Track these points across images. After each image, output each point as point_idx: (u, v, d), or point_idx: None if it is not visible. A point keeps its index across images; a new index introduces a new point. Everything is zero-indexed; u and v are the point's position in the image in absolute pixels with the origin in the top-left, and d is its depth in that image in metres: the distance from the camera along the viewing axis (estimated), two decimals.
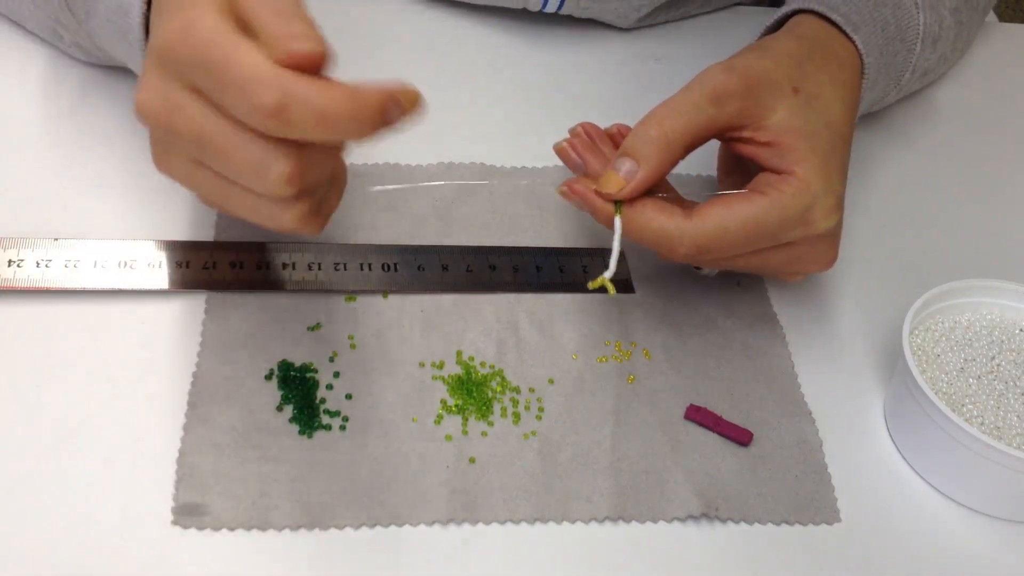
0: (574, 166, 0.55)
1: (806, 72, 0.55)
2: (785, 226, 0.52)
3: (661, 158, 0.51)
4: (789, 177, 0.52)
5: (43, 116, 0.62)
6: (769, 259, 0.54)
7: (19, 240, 0.55)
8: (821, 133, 0.53)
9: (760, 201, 0.52)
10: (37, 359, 0.51)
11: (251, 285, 0.56)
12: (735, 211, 0.51)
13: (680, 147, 0.52)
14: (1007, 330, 0.58)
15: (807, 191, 0.52)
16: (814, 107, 0.54)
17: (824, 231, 0.53)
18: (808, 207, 0.52)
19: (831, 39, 0.59)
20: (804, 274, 0.58)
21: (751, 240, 0.52)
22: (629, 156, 0.52)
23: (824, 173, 0.52)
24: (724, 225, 0.51)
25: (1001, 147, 0.77)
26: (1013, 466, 0.51)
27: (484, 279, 0.59)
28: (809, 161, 0.52)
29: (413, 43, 0.74)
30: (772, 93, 0.53)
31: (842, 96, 0.56)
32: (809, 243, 0.54)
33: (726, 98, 0.52)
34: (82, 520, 0.46)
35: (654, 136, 0.51)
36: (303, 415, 0.51)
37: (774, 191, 0.52)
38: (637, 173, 0.51)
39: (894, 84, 0.66)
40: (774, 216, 0.51)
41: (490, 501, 0.50)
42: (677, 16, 0.79)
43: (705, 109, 0.52)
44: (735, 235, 0.51)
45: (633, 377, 0.56)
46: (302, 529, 0.48)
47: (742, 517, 0.52)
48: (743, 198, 0.52)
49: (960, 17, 0.70)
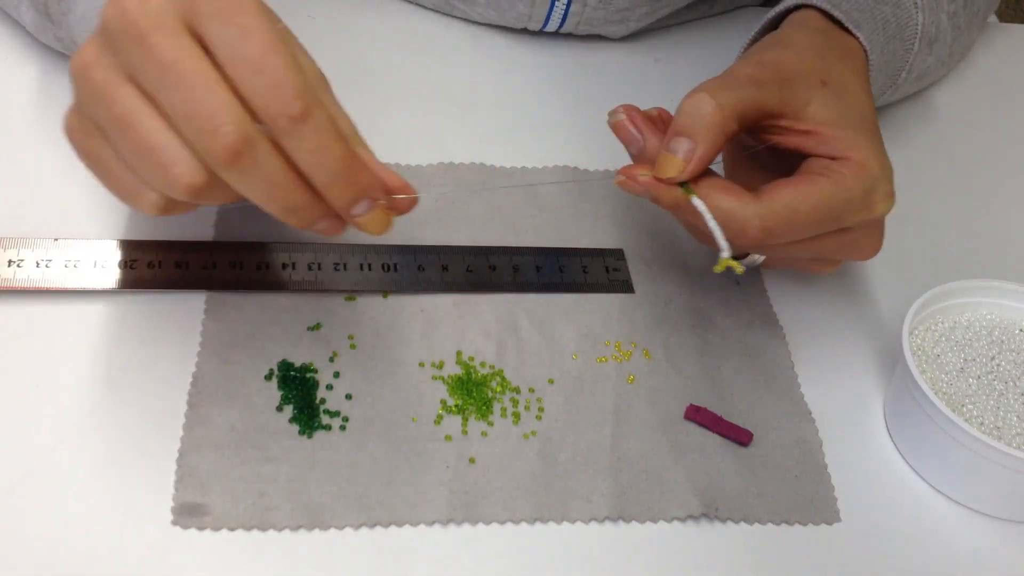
0: (631, 141, 0.52)
1: (829, 64, 0.54)
2: (850, 208, 0.51)
3: (716, 132, 0.49)
4: (846, 161, 0.51)
5: (43, 116, 0.62)
6: (825, 244, 0.53)
7: (19, 240, 0.55)
8: (860, 122, 0.53)
9: (825, 184, 0.50)
10: (37, 359, 0.51)
11: (251, 285, 0.56)
12: (802, 193, 0.50)
13: (733, 120, 0.49)
14: (1007, 330, 0.58)
15: (867, 174, 0.51)
16: (844, 98, 0.53)
17: (884, 213, 0.52)
18: (870, 190, 0.51)
19: (836, 33, 0.59)
20: (840, 264, 0.57)
21: (819, 222, 0.51)
22: (683, 135, 0.49)
23: (879, 157, 0.52)
24: (794, 207, 0.50)
25: (1001, 147, 0.77)
26: (1013, 466, 0.51)
27: (484, 279, 0.59)
28: (862, 146, 0.51)
29: (414, 43, 0.74)
30: (804, 85, 0.52)
31: (864, 86, 0.56)
32: (864, 229, 0.53)
33: (765, 83, 0.51)
34: (82, 520, 0.46)
35: (707, 111, 0.49)
36: (303, 415, 0.51)
37: (834, 174, 0.50)
38: (695, 151, 0.49)
39: (890, 83, 0.66)
40: (839, 198, 0.50)
41: (490, 501, 0.50)
42: (679, 22, 0.79)
43: (749, 88, 0.51)
44: (805, 217, 0.50)
45: (633, 377, 0.56)
46: (302, 529, 0.48)
47: (742, 517, 0.52)
48: (808, 181, 0.50)
49: (958, 21, 0.70)
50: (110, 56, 0.42)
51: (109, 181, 0.45)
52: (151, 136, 0.41)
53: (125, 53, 0.41)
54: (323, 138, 0.42)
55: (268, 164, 0.42)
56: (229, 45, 0.41)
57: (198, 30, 0.41)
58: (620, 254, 0.62)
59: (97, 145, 0.44)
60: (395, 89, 0.70)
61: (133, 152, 0.42)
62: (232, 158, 0.41)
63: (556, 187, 0.65)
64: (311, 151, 0.42)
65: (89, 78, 0.42)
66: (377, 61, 0.71)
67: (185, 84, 0.40)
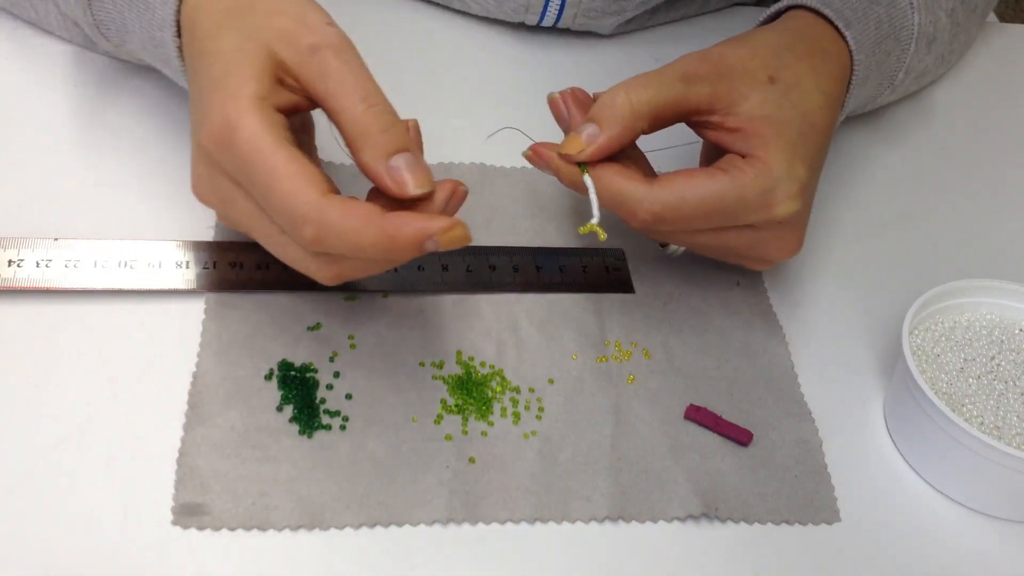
0: (559, 117, 0.55)
1: (785, 62, 0.55)
2: (744, 206, 0.52)
3: (624, 125, 0.52)
4: (752, 159, 0.52)
5: (43, 116, 0.62)
6: (730, 240, 0.54)
7: (19, 240, 0.55)
8: (792, 122, 0.53)
9: (721, 177, 0.52)
10: (37, 359, 0.51)
11: (251, 285, 0.56)
12: (695, 184, 0.52)
13: (644, 118, 0.52)
14: (1007, 330, 0.58)
15: (768, 174, 0.52)
16: (790, 96, 0.54)
17: (785, 216, 0.53)
18: (768, 190, 0.52)
19: (819, 33, 0.59)
20: (770, 261, 0.57)
21: (709, 215, 0.52)
22: (593, 121, 0.52)
23: (787, 159, 0.52)
24: (682, 195, 0.51)
25: (1001, 147, 0.77)
26: (1013, 466, 0.51)
27: (484, 279, 0.59)
28: (773, 146, 0.52)
29: (414, 43, 0.74)
30: (746, 81, 0.53)
31: (823, 87, 0.56)
32: (772, 228, 0.54)
33: (696, 79, 0.53)
34: (82, 520, 0.46)
35: (619, 104, 0.52)
36: (303, 415, 0.51)
37: (735, 170, 0.52)
38: (598, 137, 0.52)
39: (887, 83, 0.66)
40: (733, 194, 0.52)
41: (490, 501, 0.50)
42: (676, 17, 0.79)
43: (674, 85, 0.53)
44: (693, 207, 0.51)
45: (633, 377, 0.56)
46: (302, 529, 0.48)
47: (742, 517, 0.52)
48: (704, 173, 0.52)
49: (956, 19, 0.70)
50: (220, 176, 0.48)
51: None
52: None
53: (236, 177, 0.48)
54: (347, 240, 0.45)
55: None
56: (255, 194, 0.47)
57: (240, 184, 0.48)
58: (620, 254, 0.62)
59: None
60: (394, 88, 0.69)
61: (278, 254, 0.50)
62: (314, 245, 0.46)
63: (556, 187, 0.65)
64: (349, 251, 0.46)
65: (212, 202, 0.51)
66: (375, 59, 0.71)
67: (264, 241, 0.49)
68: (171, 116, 0.62)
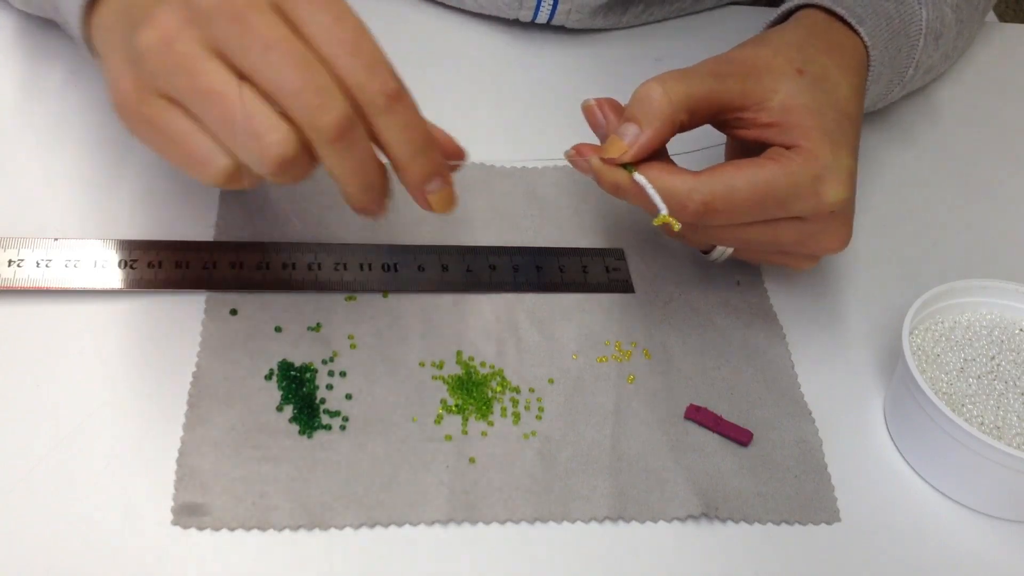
0: (596, 125, 0.54)
1: (809, 55, 0.55)
2: (795, 193, 0.51)
3: (663, 119, 0.51)
4: (797, 148, 0.52)
5: (43, 116, 0.62)
6: (780, 233, 0.54)
7: (19, 240, 0.55)
8: (827, 112, 0.53)
9: (770, 166, 0.51)
10: (37, 359, 0.51)
11: (251, 285, 0.56)
12: (744, 172, 0.51)
13: (683, 111, 0.51)
14: (1007, 330, 0.58)
15: (816, 161, 0.51)
16: (820, 87, 0.54)
17: (835, 204, 0.52)
18: (817, 177, 0.51)
19: (835, 30, 0.59)
20: (817, 258, 0.57)
21: (760, 204, 0.51)
22: (632, 121, 0.51)
23: (832, 146, 0.52)
24: (733, 184, 0.50)
25: (1001, 147, 0.77)
26: (1013, 466, 0.51)
27: (484, 279, 0.59)
28: (816, 134, 0.52)
29: (413, 43, 0.74)
30: (774, 76, 0.53)
31: (848, 79, 0.56)
32: (821, 220, 0.53)
33: (728, 77, 0.52)
34: (82, 520, 0.46)
35: (656, 98, 0.51)
36: (303, 415, 0.51)
37: (783, 159, 0.51)
38: (639, 137, 0.51)
39: (898, 80, 0.66)
40: (783, 181, 0.51)
41: (490, 501, 0.50)
42: (672, 14, 0.79)
43: (705, 80, 0.52)
44: (744, 195, 0.51)
45: (633, 377, 0.56)
46: (302, 529, 0.48)
47: (742, 517, 0.52)
48: (752, 162, 0.52)
49: (961, 15, 0.71)
50: (196, 30, 0.42)
51: (172, 150, 0.45)
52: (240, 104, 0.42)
53: (217, 29, 0.42)
54: (413, 115, 0.45)
55: (363, 142, 0.44)
56: (325, 29, 0.43)
57: (289, 14, 0.43)
58: (620, 254, 0.62)
59: (162, 115, 0.44)
60: None
61: (221, 121, 0.43)
62: (339, 134, 0.43)
63: (556, 187, 0.65)
64: (403, 128, 0.45)
65: (172, 51, 0.43)
66: None
67: (290, 63, 0.42)
68: None
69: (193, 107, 0.43)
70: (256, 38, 0.42)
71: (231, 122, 0.42)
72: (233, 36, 0.42)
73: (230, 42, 0.42)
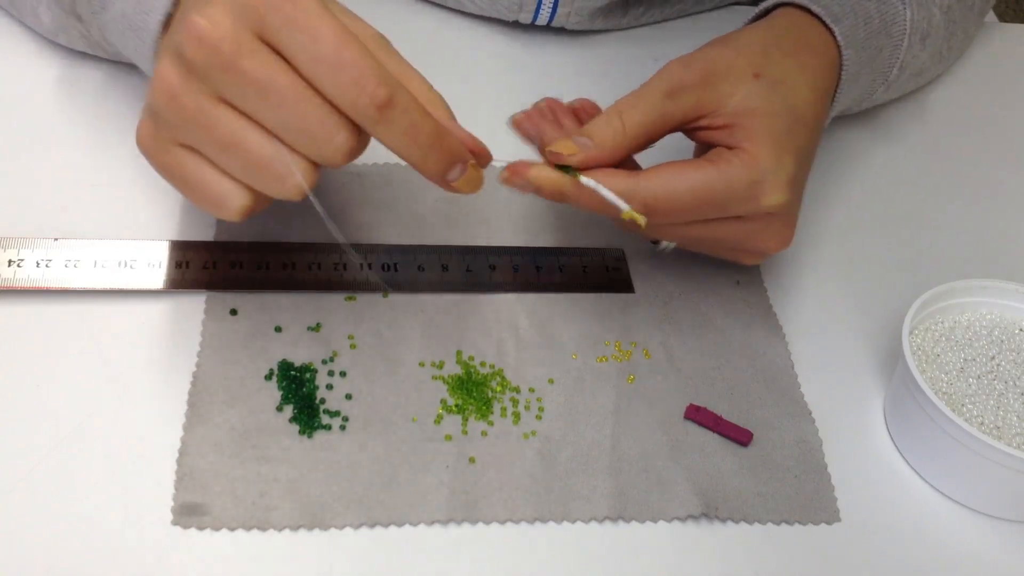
0: (527, 137, 0.55)
1: (771, 58, 0.55)
2: (732, 196, 0.52)
3: (617, 144, 0.52)
4: (738, 151, 0.52)
5: (43, 116, 0.62)
6: (720, 232, 0.54)
7: (19, 240, 0.55)
8: (780, 115, 0.53)
9: (708, 168, 0.52)
10: (37, 359, 0.51)
11: (251, 285, 0.56)
12: (683, 174, 0.52)
13: (636, 139, 0.53)
14: (1007, 330, 0.58)
15: (755, 166, 0.52)
16: (777, 90, 0.54)
17: (773, 207, 0.53)
18: (755, 181, 0.52)
19: (806, 29, 0.59)
20: (763, 254, 0.57)
21: (699, 205, 0.52)
22: (587, 136, 0.52)
23: (775, 151, 0.52)
24: (671, 186, 0.52)
25: (1001, 147, 0.77)
26: (1013, 466, 0.51)
27: (484, 279, 0.59)
28: (760, 138, 0.52)
29: (412, 43, 0.73)
30: (731, 81, 0.54)
31: (811, 82, 0.56)
32: (761, 220, 0.54)
33: (682, 92, 0.53)
34: (82, 520, 0.46)
35: (615, 126, 0.52)
36: (303, 415, 0.51)
37: (722, 162, 0.52)
38: (592, 152, 0.52)
39: (882, 80, 0.66)
40: (720, 184, 0.52)
41: (490, 501, 0.50)
42: (672, 15, 0.79)
43: (660, 105, 0.53)
44: (683, 196, 0.52)
45: (633, 377, 0.56)
46: (302, 529, 0.48)
47: (742, 517, 0.52)
48: (691, 164, 0.52)
49: (953, 16, 0.70)
50: (196, 82, 0.44)
51: (192, 193, 0.47)
52: (260, 149, 0.45)
53: (214, 80, 0.44)
54: (412, 117, 0.45)
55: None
56: (304, 49, 0.43)
57: (270, 41, 0.44)
58: (620, 254, 0.62)
59: (180, 163, 0.46)
60: None
61: (241, 169, 0.45)
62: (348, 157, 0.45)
63: None
64: (403, 133, 0.45)
65: (180, 106, 0.44)
66: None
67: (286, 102, 0.43)
68: None
69: (211, 155, 0.46)
70: (250, 84, 0.43)
71: (250, 166, 0.45)
72: (230, 85, 0.44)
73: (228, 90, 0.44)
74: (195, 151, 0.46)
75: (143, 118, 0.47)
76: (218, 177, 0.46)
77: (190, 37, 0.43)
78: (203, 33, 0.43)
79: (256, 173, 0.45)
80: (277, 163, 0.45)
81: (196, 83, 0.44)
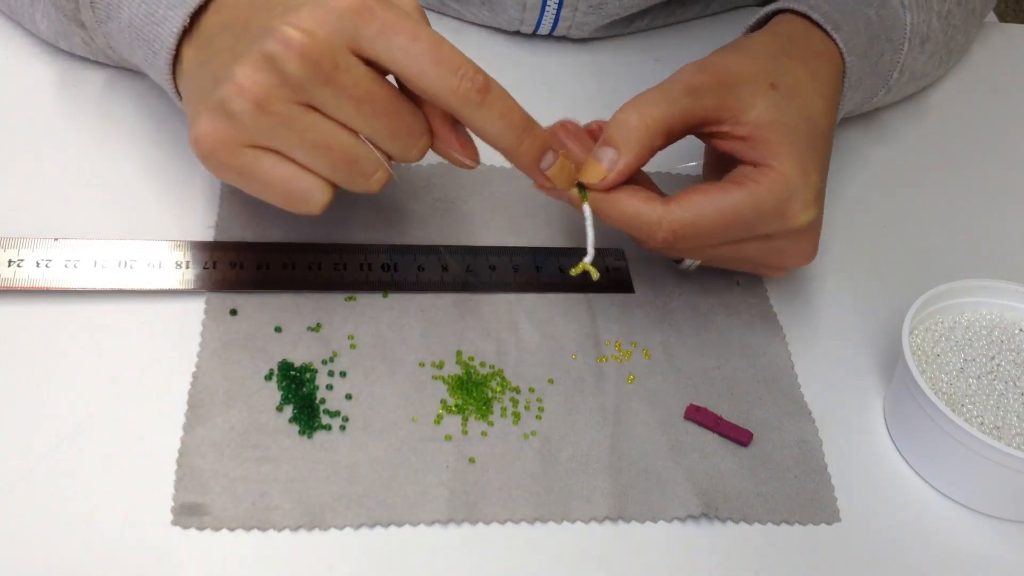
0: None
1: (783, 67, 0.55)
2: (761, 217, 0.52)
3: (641, 145, 0.52)
4: (766, 169, 0.52)
5: (43, 116, 0.62)
6: (746, 250, 0.54)
7: (19, 240, 0.55)
8: (800, 127, 0.53)
9: (736, 191, 0.52)
10: (37, 359, 0.51)
11: (251, 285, 0.56)
12: (712, 199, 0.51)
13: (659, 135, 0.52)
14: (1007, 330, 0.58)
15: (784, 184, 0.52)
16: (793, 102, 0.54)
17: (802, 225, 0.53)
18: (785, 200, 0.52)
19: (810, 36, 0.59)
20: (785, 269, 0.58)
21: (727, 229, 0.52)
22: (610, 145, 0.52)
23: (801, 167, 0.52)
24: (700, 212, 0.51)
25: (1002, 147, 0.77)
26: (1013, 466, 0.51)
27: (484, 279, 0.59)
28: (786, 154, 0.52)
29: None
30: (750, 89, 0.53)
31: (821, 91, 0.56)
32: (787, 236, 0.54)
33: (701, 92, 0.53)
34: (82, 520, 0.46)
35: (634, 124, 0.52)
36: (303, 415, 0.51)
37: (750, 182, 0.52)
38: (618, 163, 0.51)
39: (883, 84, 0.66)
40: (749, 206, 0.51)
41: (490, 501, 0.50)
42: (673, 21, 0.79)
43: (681, 100, 0.52)
44: (711, 222, 0.51)
45: (633, 377, 0.56)
46: (302, 529, 0.48)
47: (742, 517, 0.52)
48: (719, 187, 0.52)
49: (953, 20, 0.70)
50: (288, 91, 0.46)
51: (271, 192, 0.49)
52: (352, 150, 0.48)
53: (309, 91, 0.46)
54: (508, 101, 0.48)
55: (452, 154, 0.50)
56: (405, 51, 0.46)
57: (365, 48, 0.46)
58: (620, 254, 0.62)
59: (257, 164, 0.48)
60: None
61: (331, 164, 0.48)
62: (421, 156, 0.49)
63: None
64: (500, 115, 0.47)
65: (269, 112, 0.46)
66: None
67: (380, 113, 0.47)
68: (171, 116, 0.62)
69: (296, 156, 0.47)
70: (348, 98, 0.46)
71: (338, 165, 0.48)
72: (328, 97, 0.46)
73: (326, 102, 0.46)
74: (271, 151, 0.47)
75: (208, 122, 0.47)
76: (302, 174, 0.48)
77: (289, 51, 0.44)
78: (303, 48, 0.44)
79: (344, 171, 0.48)
80: (366, 161, 0.48)
81: (289, 92, 0.45)
